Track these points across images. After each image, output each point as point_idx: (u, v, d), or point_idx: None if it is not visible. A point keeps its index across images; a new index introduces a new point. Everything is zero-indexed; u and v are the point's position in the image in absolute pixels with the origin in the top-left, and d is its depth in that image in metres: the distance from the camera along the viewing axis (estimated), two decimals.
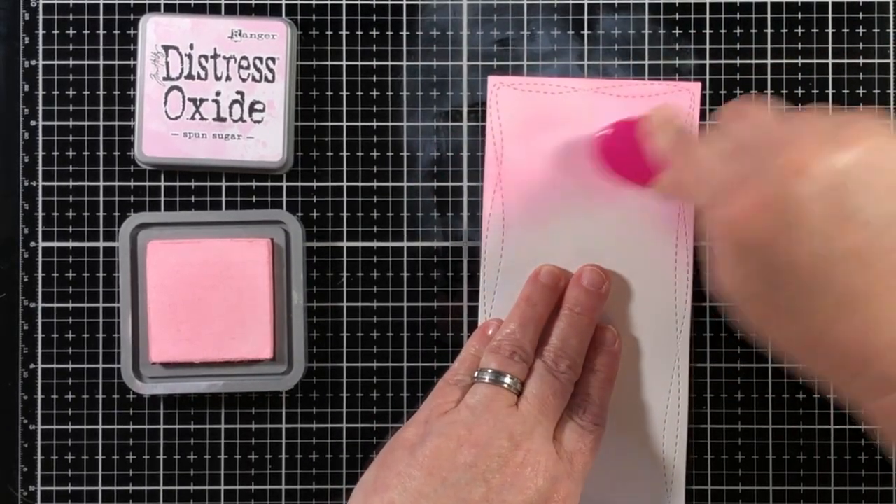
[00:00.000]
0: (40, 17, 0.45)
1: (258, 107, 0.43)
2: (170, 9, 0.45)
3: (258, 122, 0.43)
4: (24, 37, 0.45)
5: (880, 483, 0.44)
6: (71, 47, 0.45)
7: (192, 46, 0.43)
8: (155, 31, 0.43)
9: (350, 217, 0.45)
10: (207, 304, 0.43)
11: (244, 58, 0.43)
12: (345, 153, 0.45)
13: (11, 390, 0.45)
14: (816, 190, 0.28)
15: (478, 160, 0.45)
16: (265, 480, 0.45)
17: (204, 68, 0.43)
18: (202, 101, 0.43)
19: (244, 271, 0.43)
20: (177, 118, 0.43)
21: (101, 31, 0.45)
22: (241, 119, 0.43)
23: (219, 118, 0.43)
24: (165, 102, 0.43)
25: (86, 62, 0.45)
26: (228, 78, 0.43)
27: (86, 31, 0.45)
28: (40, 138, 0.45)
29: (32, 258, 0.45)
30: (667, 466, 0.44)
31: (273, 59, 0.43)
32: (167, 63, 0.43)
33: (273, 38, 0.43)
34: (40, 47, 0.45)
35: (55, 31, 0.45)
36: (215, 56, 0.43)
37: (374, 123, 0.45)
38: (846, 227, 0.28)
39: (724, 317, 0.44)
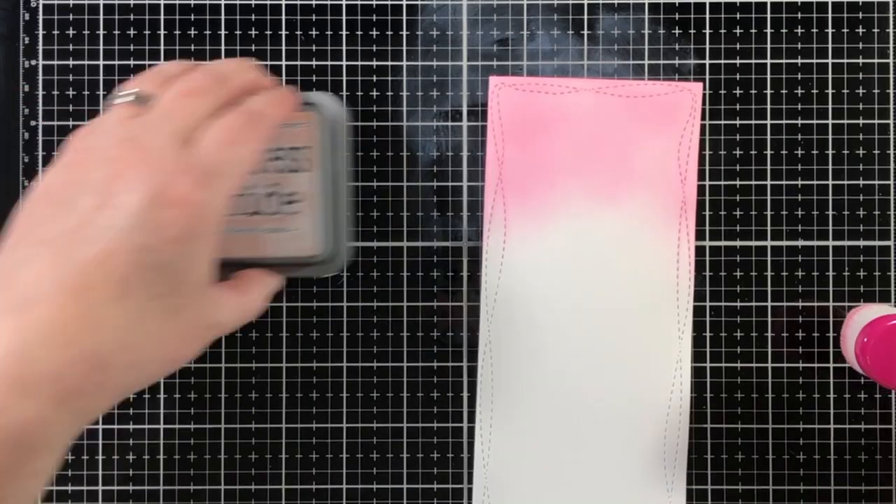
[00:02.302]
0: (40, 17, 0.45)
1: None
2: (170, 9, 0.45)
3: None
4: (24, 37, 0.45)
5: (880, 483, 0.44)
6: (71, 47, 0.45)
7: None
8: None
9: (350, 217, 0.45)
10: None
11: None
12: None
13: None
14: None
15: (478, 160, 0.45)
16: (265, 480, 0.45)
17: None
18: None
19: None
20: None
21: (101, 31, 0.45)
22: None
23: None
24: None
25: (86, 62, 0.45)
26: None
27: (86, 32, 0.45)
28: (40, 138, 0.45)
29: None
30: (667, 467, 0.44)
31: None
32: None
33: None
34: (40, 47, 0.45)
35: (55, 31, 0.45)
36: None
37: (374, 123, 0.45)
38: None
39: (724, 317, 0.44)
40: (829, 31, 0.44)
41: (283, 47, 0.45)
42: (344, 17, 0.45)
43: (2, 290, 0.31)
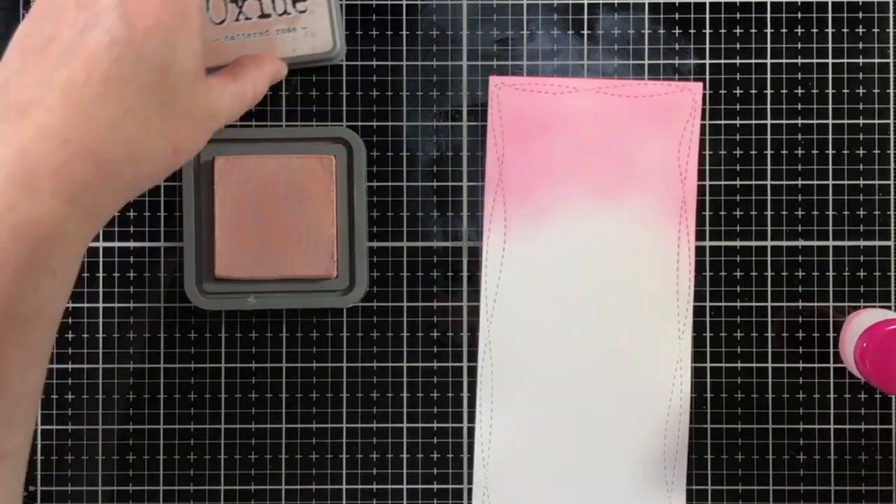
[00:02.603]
0: None
1: None
2: None
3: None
4: None
5: (880, 483, 0.44)
6: None
7: None
8: None
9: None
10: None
11: None
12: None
13: None
14: None
15: (478, 160, 0.45)
16: (265, 480, 0.45)
17: None
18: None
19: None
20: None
21: None
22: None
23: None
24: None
25: None
26: None
27: None
28: None
29: None
30: (668, 467, 0.44)
31: None
32: None
33: None
34: None
35: None
36: None
37: (374, 123, 0.45)
38: None
39: (724, 317, 0.44)
40: (829, 31, 0.44)
41: None
42: (344, 17, 0.45)
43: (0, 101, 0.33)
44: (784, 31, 0.44)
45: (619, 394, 0.43)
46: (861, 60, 0.44)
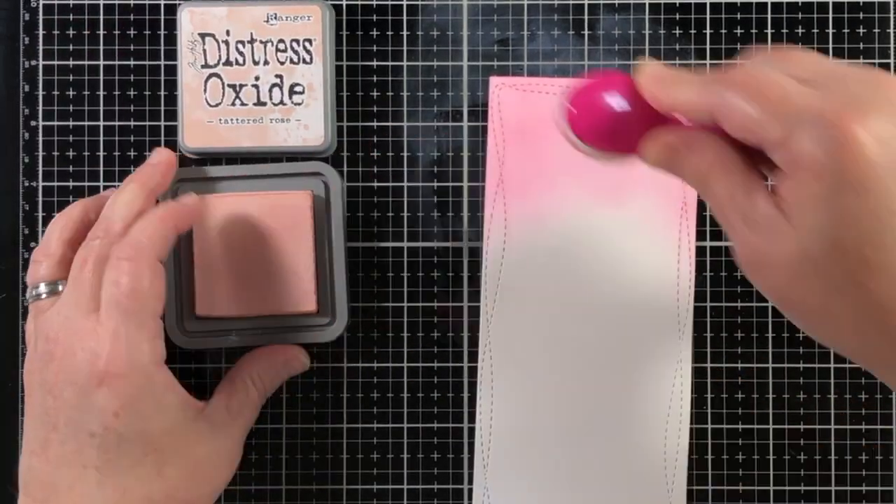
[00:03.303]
0: (40, 17, 0.45)
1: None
2: (170, 10, 0.45)
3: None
4: (24, 37, 0.45)
5: (880, 483, 0.44)
6: (71, 47, 0.45)
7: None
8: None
9: (350, 217, 0.45)
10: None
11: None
12: (345, 153, 0.45)
13: (11, 390, 0.45)
14: None
15: (478, 160, 0.45)
16: (265, 480, 0.45)
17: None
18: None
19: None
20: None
21: (101, 31, 0.45)
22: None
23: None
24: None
25: (86, 62, 0.45)
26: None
27: (86, 31, 0.45)
28: (40, 138, 0.45)
29: None
30: (668, 467, 0.44)
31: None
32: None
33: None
34: (40, 47, 0.45)
35: (55, 31, 0.45)
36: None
37: (374, 123, 0.45)
38: None
39: (724, 317, 0.44)
40: (830, 31, 0.44)
41: None
42: (344, 17, 0.45)
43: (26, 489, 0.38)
44: (784, 31, 0.44)
45: (620, 394, 0.43)
46: (861, 60, 0.44)
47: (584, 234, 0.44)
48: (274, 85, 0.43)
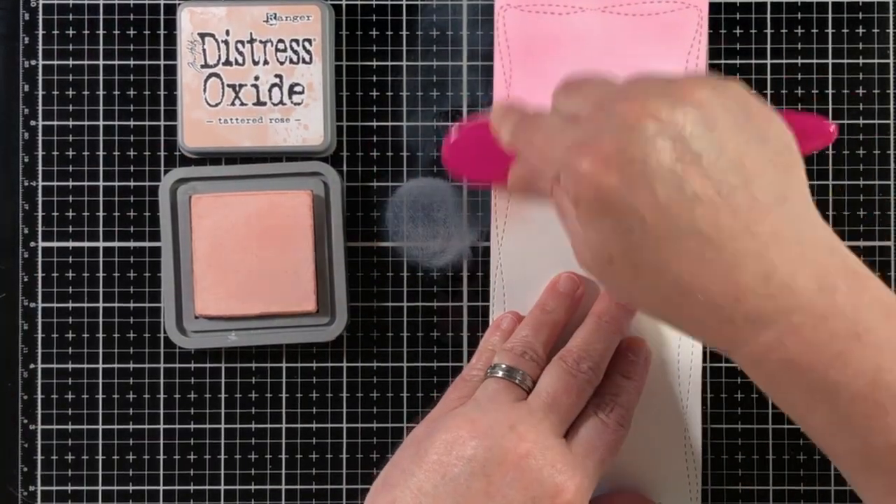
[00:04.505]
0: (40, 17, 0.45)
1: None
2: (169, 10, 0.45)
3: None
4: (24, 37, 0.45)
5: None
6: (71, 47, 0.45)
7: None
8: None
9: (350, 217, 0.45)
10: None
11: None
12: (345, 153, 0.45)
13: (11, 390, 0.45)
14: (657, 138, 0.29)
15: None
16: (265, 480, 0.45)
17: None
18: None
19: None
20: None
21: (101, 31, 0.45)
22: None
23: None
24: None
25: (86, 62, 0.45)
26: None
27: (86, 31, 0.45)
28: (40, 138, 0.45)
29: (32, 258, 0.45)
30: (689, 468, 0.44)
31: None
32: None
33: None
34: (40, 47, 0.45)
35: (55, 31, 0.45)
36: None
37: (374, 123, 0.45)
38: (691, 171, 0.29)
39: None
40: (830, 31, 0.44)
41: None
42: (344, 17, 0.45)
43: None
44: (784, 31, 0.44)
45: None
46: (861, 60, 0.44)
47: None
48: (273, 85, 0.43)
